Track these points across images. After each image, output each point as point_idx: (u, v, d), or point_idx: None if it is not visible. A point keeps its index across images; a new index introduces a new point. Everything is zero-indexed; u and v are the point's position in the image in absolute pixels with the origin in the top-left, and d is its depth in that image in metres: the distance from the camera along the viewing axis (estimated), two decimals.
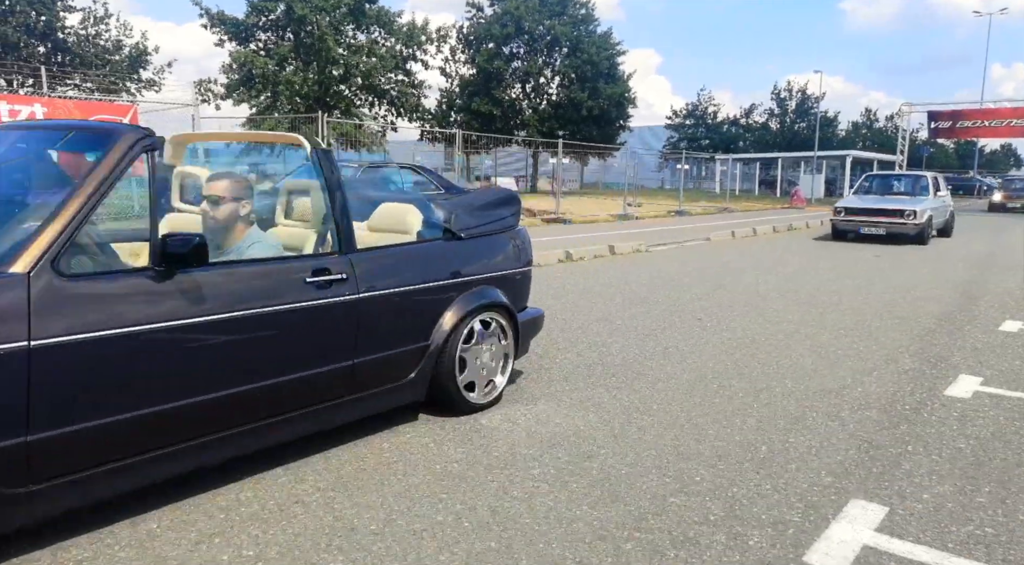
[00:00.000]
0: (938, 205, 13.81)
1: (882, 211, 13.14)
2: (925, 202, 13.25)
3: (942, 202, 14.31)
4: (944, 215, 14.52)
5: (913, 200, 13.46)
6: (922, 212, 12.79)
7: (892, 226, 12.91)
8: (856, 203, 13.97)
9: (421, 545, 2.32)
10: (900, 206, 13.02)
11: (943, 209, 14.36)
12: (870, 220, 13.18)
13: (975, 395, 4.06)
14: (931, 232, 13.21)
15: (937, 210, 13.70)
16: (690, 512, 2.59)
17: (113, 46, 26.84)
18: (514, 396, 3.86)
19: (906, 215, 12.74)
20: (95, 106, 11.92)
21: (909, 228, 12.72)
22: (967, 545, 2.40)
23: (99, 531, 2.35)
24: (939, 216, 13.93)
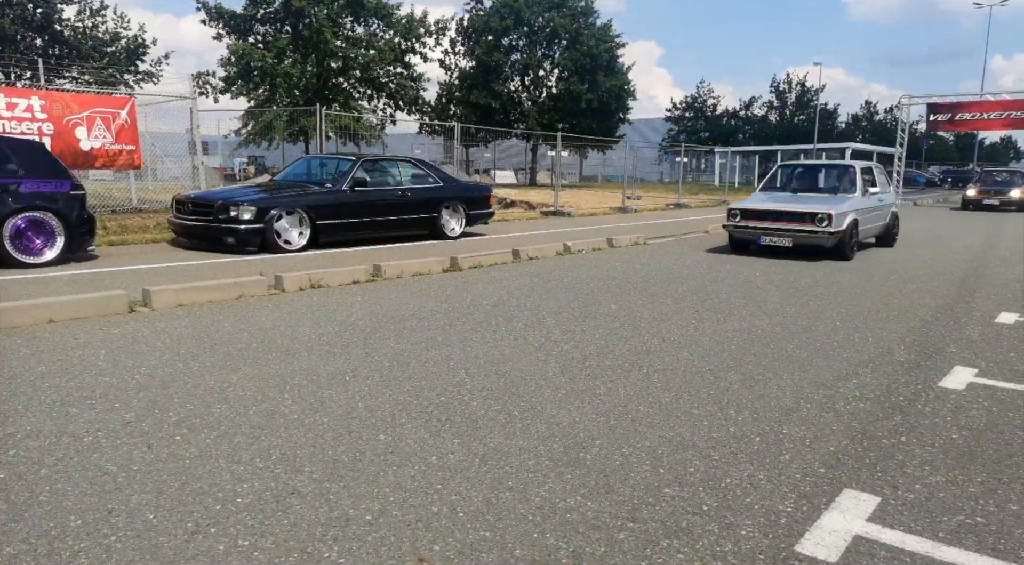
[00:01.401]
0: (870, 206, 10.52)
1: (788, 215, 9.72)
2: (847, 202, 9.88)
3: (877, 202, 10.82)
4: (881, 218, 11.18)
5: (831, 200, 10.01)
6: (840, 216, 9.46)
7: (800, 235, 9.58)
8: (756, 203, 10.40)
9: (416, 535, 2.34)
10: (811, 208, 9.61)
11: (879, 211, 11.02)
12: (772, 227, 9.80)
13: (969, 386, 4.08)
14: (854, 243, 9.91)
15: (868, 213, 10.47)
16: (683, 502, 2.60)
17: (110, 38, 26.74)
18: (510, 388, 3.88)
19: (818, 220, 9.40)
20: (93, 99, 11.88)
21: (822, 238, 9.39)
22: (958, 534, 2.42)
23: (95, 521, 2.37)
24: (872, 220, 10.73)
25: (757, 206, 10.22)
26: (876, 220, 10.99)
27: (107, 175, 15.48)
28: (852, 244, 9.83)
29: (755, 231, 9.99)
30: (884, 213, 11.31)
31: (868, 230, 10.70)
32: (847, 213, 9.65)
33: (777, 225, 9.80)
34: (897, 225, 11.90)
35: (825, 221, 9.40)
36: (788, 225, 9.71)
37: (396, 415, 3.42)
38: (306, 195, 9.35)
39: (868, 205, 10.50)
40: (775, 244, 9.82)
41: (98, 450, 2.95)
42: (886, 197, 11.51)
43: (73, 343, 4.60)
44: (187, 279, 6.50)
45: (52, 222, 7.46)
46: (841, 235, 9.48)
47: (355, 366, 4.21)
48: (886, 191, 11.69)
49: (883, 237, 11.56)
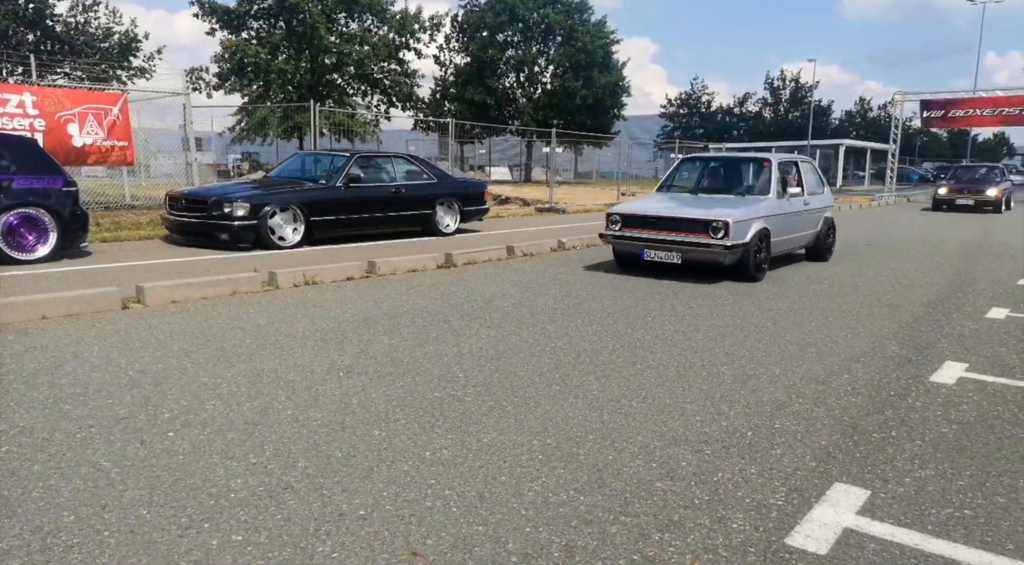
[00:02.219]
0: (789, 211, 8.24)
1: (677, 223, 7.48)
2: (753, 207, 7.66)
3: (801, 206, 8.54)
4: (809, 226, 8.91)
5: (733, 205, 7.72)
6: (741, 225, 7.23)
7: (691, 250, 7.34)
8: (641, 207, 8.17)
9: (409, 530, 2.35)
10: (703, 214, 7.37)
11: (805, 217, 8.70)
12: (658, 239, 7.53)
13: (959, 381, 4.11)
14: (763, 258, 7.64)
15: (787, 219, 8.20)
16: (675, 496, 2.62)
17: (103, 34, 26.61)
18: (504, 383, 3.89)
19: (712, 230, 7.17)
20: (85, 95, 11.82)
21: (717, 253, 7.18)
22: (946, 527, 2.44)
23: (89, 517, 2.37)
24: (794, 228, 8.47)
25: (641, 211, 7.88)
26: (800, 228, 8.63)
27: (100, 172, 15.41)
28: (760, 261, 7.55)
29: (638, 243, 7.67)
30: (813, 219, 8.98)
31: (789, 241, 8.45)
32: (751, 221, 7.39)
33: (663, 236, 7.48)
34: (833, 234, 9.57)
35: (721, 231, 7.09)
36: (677, 236, 7.40)
37: (390, 411, 3.43)
38: (300, 191, 9.34)
39: (786, 210, 8.16)
40: (661, 261, 7.53)
41: (91, 446, 2.95)
42: (815, 200, 9.03)
43: (66, 340, 4.60)
44: (181, 276, 6.49)
45: (45, 218, 7.43)
46: (743, 249, 7.22)
47: (349, 362, 4.22)
48: (817, 191, 9.26)
49: (814, 249, 9.24)
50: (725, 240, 7.13)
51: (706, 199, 8.21)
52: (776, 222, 7.91)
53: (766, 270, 7.84)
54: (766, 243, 7.70)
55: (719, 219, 7.19)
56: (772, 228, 7.76)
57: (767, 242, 7.71)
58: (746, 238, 7.27)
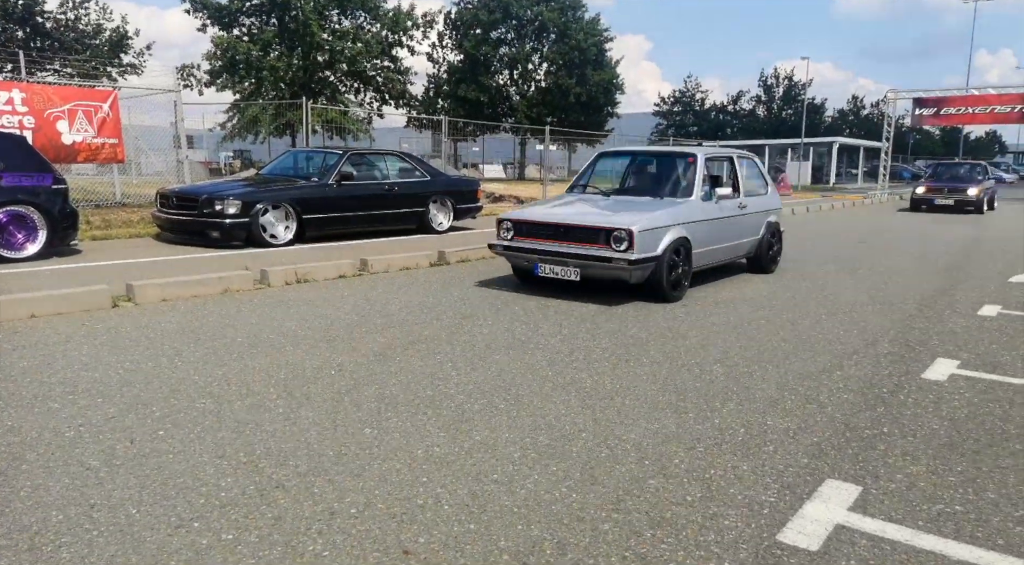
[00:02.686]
0: (718, 216, 6.93)
1: (575, 231, 6.15)
2: (667, 212, 6.34)
3: (735, 209, 7.25)
4: (747, 233, 7.59)
5: (644, 209, 6.39)
6: (648, 235, 5.95)
7: (590, 264, 6.01)
8: (536, 212, 6.78)
9: (401, 528, 2.34)
10: (604, 221, 6.11)
11: (740, 223, 7.40)
12: (553, 251, 6.18)
13: (951, 378, 4.12)
14: (680, 274, 6.30)
15: (715, 226, 6.90)
16: (668, 494, 2.62)
17: (93, 30, 26.44)
18: (496, 379, 3.88)
19: (614, 241, 5.88)
20: (75, 91, 11.74)
21: (620, 268, 5.88)
22: (937, 522, 2.45)
23: (77, 516, 2.35)
24: (726, 236, 7.18)
25: (535, 217, 6.49)
26: (735, 235, 7.31)
27: (90, 169, 15.32)
28: (678, 277, 6.25)
29: (531, 255, 6.32)
30: (752, 225, 7.63)
31: (720, 251, 7.12)
32: (665, 229, 6.11)
33: (560, 247, 6.12)
34: (778, 242, 8.19)
35: (624, 242, 5.81)
36: (575, 248, 6.05)
37: (382, 409, 3.42)
38: (292, 189, 9.30)
39: (714, 215, 6.86)
40: (556, 277, 6.21)
41: (80, 445, 2.92)
42: (755, 202, 7.69)
43: (55, 338, 4.56)
44: (171, 274, 6.45)
45: (34, 216, 7.37)
46: (653, 263, 5.96)
47: (341, 360, 4.20)
48: (758, 192, 7.98)
49: (755, 259, 7.90)
50: (629, 253, 5.78)
51: (619, 202, 6.87)
52: (700, 230, 6.60)
53: (686, 287, 6.43)
54: (686, 255, 6.36)
55: (621, 227, 5.85)
56: (695, 237, 6.46)
57: (687, 254, 6.37)
58: (657, 250, 5.96)
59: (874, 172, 34.80)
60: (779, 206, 8.54)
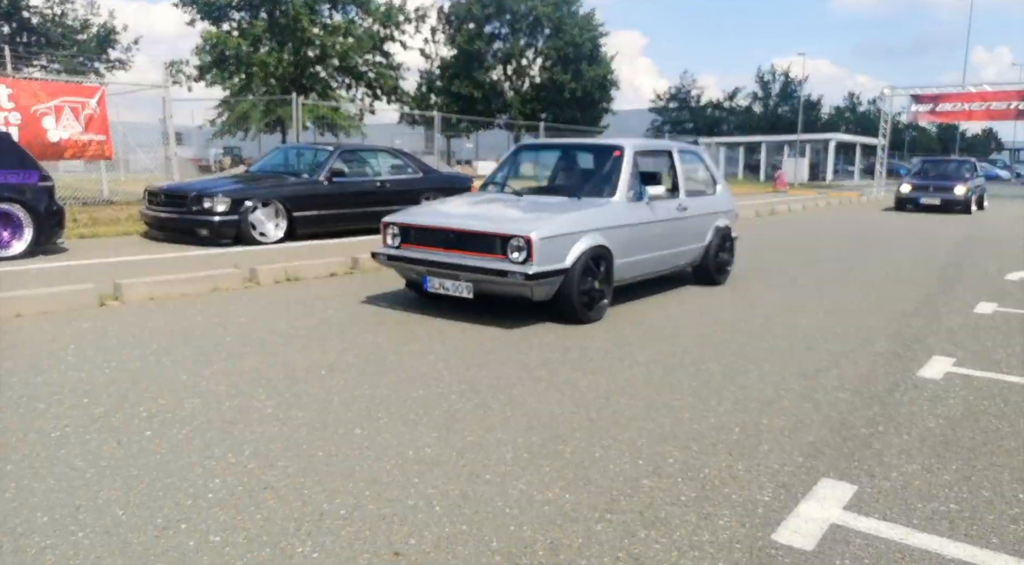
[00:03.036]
0: (651, 219, 5.91)
1: (468, 239, 5.18)
2: (583, 215, 5.39)
3: (673, 211, 6.22)
4: (692, 239, 6.57)
5: (556, 211, 5.44)
6: (554, 244, 5.00)
7: (484, 279, 5.05)
8: (425, 215, 5.72)
9: (391, 530, 2.30)
10: (501, 226, 5.11)
11: (679, 227, 6.35)
12: (444, 262, 5.21)
13: (947, 376, 4.12)
14: (599, 289, 5.32)
15: (643, 232, 5.84)
16: (662, 493, 2.60)
17: (80, 25, 26.21)
18: (489, 380, 3.85)
19: (511, 250, 4.94)
20: (61, 87, 11.61)
21: (517, 284, 4.90)
22: (932, 521, 2.43)
23: (63, 518, 2.31)
24: (661, 244, 6.12)
25: (424, 219, 5.49)
26: (672, 242, 6.25)
27: (78, 166, 15.20)
28: (595, 294, 5.24)
29: (418, 267, 5.33)
30: (695, 229, 6.59)
31: (653, 261, 6.06)
32: (575, 235, 5.09)
33: (451, 258, 5.12)
34: (729, 249, 7.11)
35: (522, 252, 4.84)
36: (467, 258, 5.06)
37: (373, 409, 3.38)
38: (282, 186, 9.22)
39: (645, 218, 5.80)
40: (448, 293, 5.20)
41: (66, 446, 2.88)
42: (700, 203, 6.68)
43: (41, 338, 4.50)
44: (159, 272, 6.38)
45: (20, 214, 7.28)
46: (560, 278, 4.97)
47: (331, 360, 4.16)
48: (703, 191, 7.04)
49: (701, 268, 6.85)
50: (527, 265, 4.79)
51: (531, 203, 5.86)
52: (625, 236, 5.56)
53: (605, 306, 5.38)
54: (606, 267, 5.34)
55: (518, 234, 4.84)
56: (618, 245, 5.44)
57: (607, 266, 5.36)
58: (566, 261, 4.97)
59: (871, 169, 34.91)
60: (731, 207, 7.32)
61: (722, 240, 6.99)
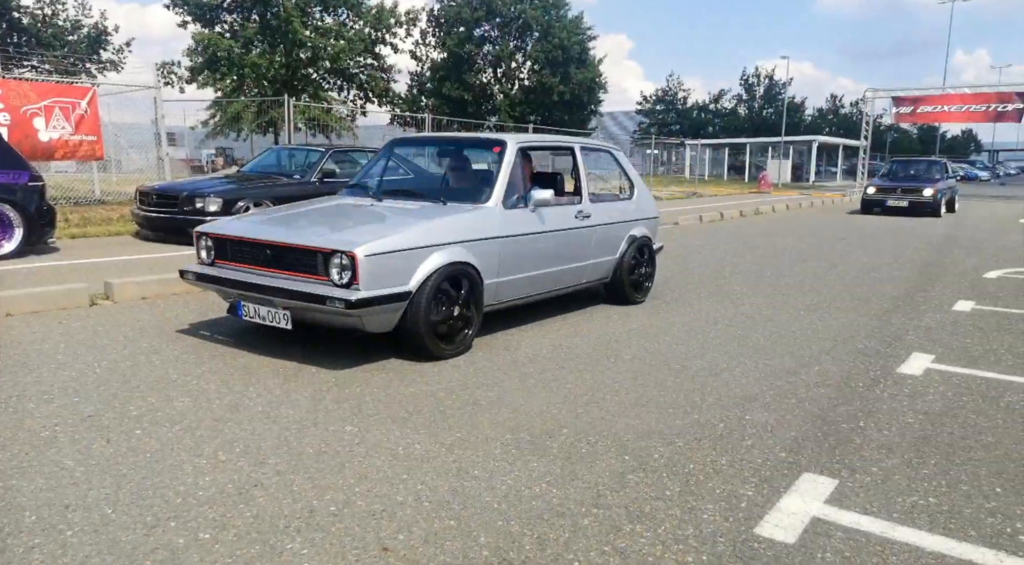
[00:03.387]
0: (537, 230, 4.92)
1: (284, 253, 4.13)
2: (437, 225, 4.32)
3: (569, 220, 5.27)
4: (598, 251, 5.63)
5: (399, 221, 4.42)
6: (389, 262, 3.93)
7: (299, 305, 3.96)
8: (240, 226, 4.58)
9: (380, 525, 2.33)
10: (318, 240, 4.05)
11: (580, 239, 5.41)
12: (254, 284, 4.13)
13: (926, 372, 4.18)
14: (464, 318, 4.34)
15: (525, 246, 4.85)
16: (647, 488, 2.64)
17: (71, 26, 26.07)
18: (478, 377, 3.88)
19: (334, 270, 3.88)
20: (52, 88, 11.56)
21: (336, 313, 3.83)
22: (911, 515, 2.48)
23: (51, 517, 2.33)
24: (555, 259, 5.17)
25: (237, 230, 4.48)
26: (572, 256, 5.31)
27: (69, 167, 15.13)
28: (454, 323, 4.29)
29: (231, 289, 4.34)
30: (603, 241, 5.61)
31: (544, 279, 5.08)
32: (424, 251, 4.13)
33: (265, 278, 4.16)
34: (649, 262, 6.17)
35: (346, 272, 3.86)
36: (283, 279, 4.10)
37: (363, 406, 3.41)
38: (274, 186, 9.23)
39: (528, 228, 4.85)
40: (264, 322, 4.20)
41: (55, 445, 2.89)
42: (608, 210, 5.73)
43: (31, 337, 4.50)
44: (150, 272, 6.38)
45: (10, 214, 7.26)
46: (402, 304, 4.02)
47: (321, 358, 4.17)
48: (616, 196, 6.26)
49: (614, 286, 5.89)
50: (352, 289, 3.77)
51: (384, 210, 4.78)
52: (500, 250, 4.58)
53: (468, 338, 4.35)
54: (470, 289, 4.34)
55: (342, 249, 3.82)
56: (489, 261, 4.49)
57: (473, 287, 4.37)
58: (409, 283, 3.97)
59: (853, 170, 35.15)
60: (652, 214, 6.29)
61: (639, 252, 5.97)
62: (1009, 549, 2.27)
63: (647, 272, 6.22)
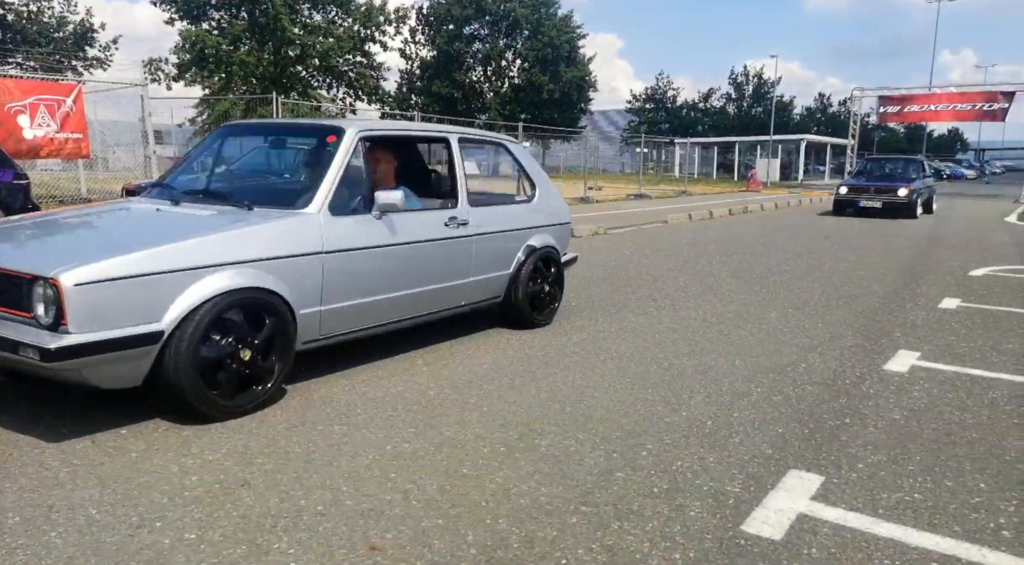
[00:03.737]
0: (383, 243, 3.84)
1: None
2: (207, 240, 3.17)
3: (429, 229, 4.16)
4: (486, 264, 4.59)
5: (165, 233, 3.29)
6: (117, 294, 2.80)
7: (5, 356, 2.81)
8: None
9: (368, 525, 2.33)
10: (19, 263, 2.91)
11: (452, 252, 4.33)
12: None
13: (912, 369, 4.22)
14: (267, 361, 3.27)
15: (357, 262, 3.72)
16: (635, 486, 2.64)
17: (56, 23, 25.82)
18: (467, 376, 3.88)
19: (36, 301, 2.78)
20: (36, 85, 11.45)
21: (33, 364, 2.74)
22: (896, 511, 2.50)
23: (35, 518, 2.30)
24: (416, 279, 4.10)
25: None
26: (438, 275, 4.29)
27: (55, 165, 14.98)
28: (247, 372, 3.21)
29: None
30: (491, 254, 4.66)
31: (395, 304, 4.04)
32: (180, 277, 3.01)
33: None
34: (556, 276, 5.19)
35: (50, 306, 2.76)
36: None
37: (351, 405, 3.40)
38: None
39: (366, 240, 3.80)
40: None
41: (39, 445, 2.86)
42: (491, 215, 4.71)
43: None
44: None
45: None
46: (151, 349, 2.94)
47: (310, 357, 4.15)
48: (509, 199, 5.39)
49: (508, 307, 4.92)
50: (58, 332, 2.76)
51: (170, 217, 3.73)
52: (321, 269, 3.55)
53: (266, 389, 3.33)
54: (277, 325, 3.33)
55: (43, 274, 2.78)
56: (304, 285, 3.48)
57: (277, 323, 3.33)
58: (159, 321, 2.95)
59: (841, 169, 35.39)
60: (560, 220, 5.29)
61: (541, 266, 4.99)
62: (992, 544, 2.30)
63: (550, 291, 5.13)
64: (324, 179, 3.70)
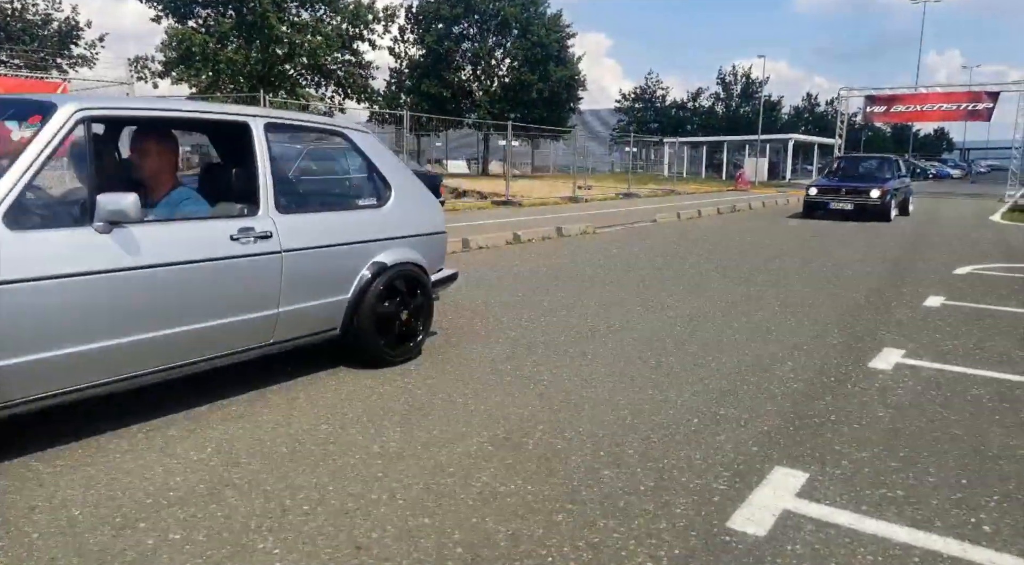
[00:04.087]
0: (124, 264, 2.79)
1: None
2: None
3: (190, 244, 3.04)
4: (316, 290, 3.60)
5: None
6: None
7: None
8: None
9: (354, 524, 2.32)
10: None
11: (212, 279, 3.11)
12: None
13: (896, 367, 4.25)
14: None
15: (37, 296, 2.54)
16: (621, 483, 2.65)
17: (42, 20, 25.58)
18: (456, 373, 3.87)
19: None
20: (20, 83, 11.34)
21: None
22: (880, 506, 2.53)
23: (16, 519, 2.28)
24: (113, 326, 2.79)
25: None
26: (220, 309, 3.16)
27: None
28: None
29: None
30: (310, 277, 3.57)
31: (141, 351, 2.91)
32: None
33: None
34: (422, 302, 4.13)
35: None
36: None
37: (338, 404, 3.39)
38: None
39: (72, 264, 2.67)
40: None
41: (21, 446, 2.83)
42: (316, 224, 3.66)
43: None
44: None
45: None
46: None
47: (295, 359, 4.13)
48: (350, 201, 4.83)
49: (349, 340, 3.87)
50: None
51: None
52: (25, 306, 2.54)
53: None
54: None
55: None
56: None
57: None
58: None
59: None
60: (428, 230, 4.30)
61: (400, 286, 3.99)
62: (972, 539, 2.32)
63: (413, 322, 4.08)
64: (3, 177, 2.69)
